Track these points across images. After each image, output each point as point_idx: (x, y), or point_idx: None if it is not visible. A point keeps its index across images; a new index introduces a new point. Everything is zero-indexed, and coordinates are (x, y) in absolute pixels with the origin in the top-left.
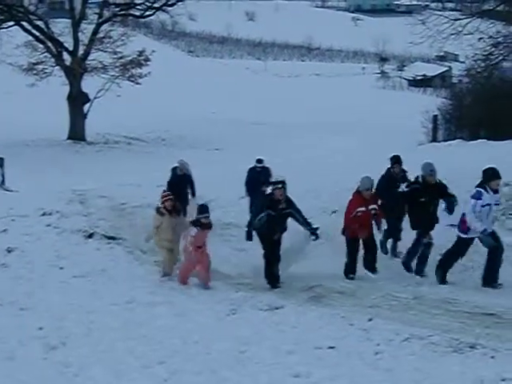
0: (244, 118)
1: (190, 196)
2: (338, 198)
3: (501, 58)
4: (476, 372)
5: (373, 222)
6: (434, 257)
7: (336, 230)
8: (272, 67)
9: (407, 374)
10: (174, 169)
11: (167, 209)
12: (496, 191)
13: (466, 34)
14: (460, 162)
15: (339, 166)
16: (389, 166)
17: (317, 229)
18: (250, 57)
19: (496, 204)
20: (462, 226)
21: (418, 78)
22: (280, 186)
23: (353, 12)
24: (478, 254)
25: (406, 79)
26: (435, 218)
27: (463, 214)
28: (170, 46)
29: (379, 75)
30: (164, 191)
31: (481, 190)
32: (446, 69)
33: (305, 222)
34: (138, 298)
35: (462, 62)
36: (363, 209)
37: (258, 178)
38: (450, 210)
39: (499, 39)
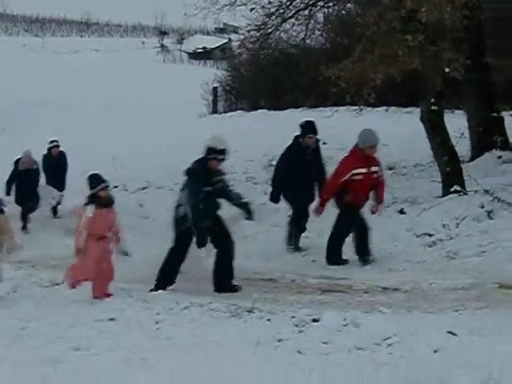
0: (26, 97)
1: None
2: None
3: (274, 28)
4: (253, 335)
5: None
6: None
7: None
8: (51, 44)
9: (186, 340)
10: (17, 162)
11: None
12: None
13: (239, 5)
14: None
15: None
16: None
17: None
18: (28, 33)
19: None
20: None
21: (198, 50)
22: (221, 157)
23: None
24: None
25: (186, 52)
26: None
27: None
28: None
29: (159, 49)
30: None
31: None
32: (225, 41)
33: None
34: None
35: (241, 34)
36: (364, 170)
37: (54, 163)
38: None
39: (272, 10)
